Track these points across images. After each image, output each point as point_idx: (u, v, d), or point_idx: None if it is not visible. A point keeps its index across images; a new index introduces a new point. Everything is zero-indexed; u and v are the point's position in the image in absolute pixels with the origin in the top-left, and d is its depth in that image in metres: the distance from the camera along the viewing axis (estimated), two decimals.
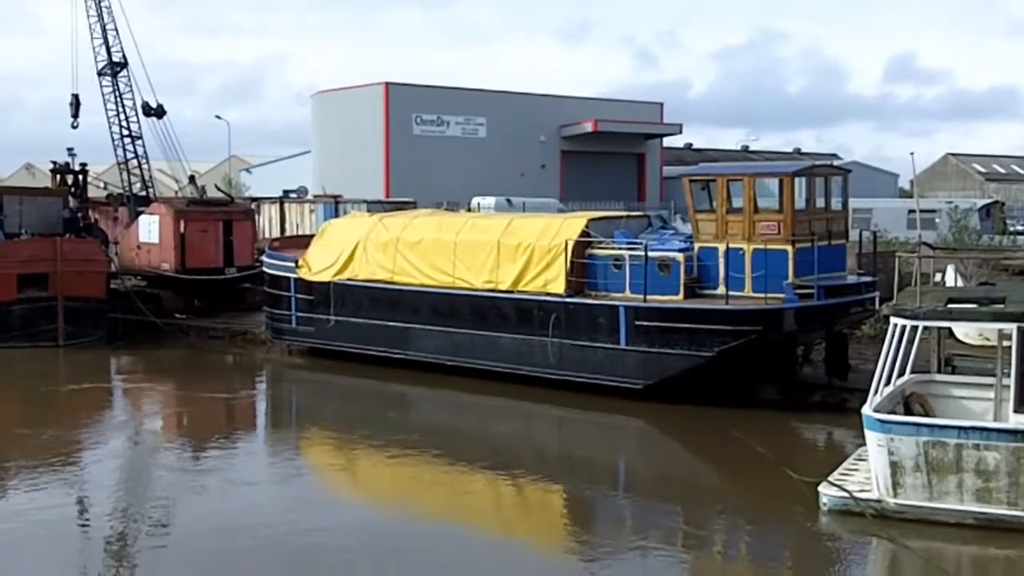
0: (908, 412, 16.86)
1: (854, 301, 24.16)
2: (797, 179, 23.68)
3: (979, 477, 15.16)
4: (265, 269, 32.63)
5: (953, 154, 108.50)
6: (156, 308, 36.51)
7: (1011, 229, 46.54)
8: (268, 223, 48.55)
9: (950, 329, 21.47)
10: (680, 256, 24.08)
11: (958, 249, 32.29)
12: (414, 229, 28.44)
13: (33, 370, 30.39)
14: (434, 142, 69.01)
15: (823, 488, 16.53)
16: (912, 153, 67.86)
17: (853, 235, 26.18)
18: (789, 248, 23.05)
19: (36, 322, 33.62)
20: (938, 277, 27.52)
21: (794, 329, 23.31)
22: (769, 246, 23.11)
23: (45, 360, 31.94)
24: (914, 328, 16.48)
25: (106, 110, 41.44)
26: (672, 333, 23.45)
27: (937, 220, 42.50)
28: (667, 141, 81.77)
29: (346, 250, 29.27)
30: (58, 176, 43.72)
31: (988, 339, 21.89)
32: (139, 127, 41.90)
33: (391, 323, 28.02)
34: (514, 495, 18.80)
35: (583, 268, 25.22)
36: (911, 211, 44.15)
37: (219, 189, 46.43)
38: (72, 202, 40.32)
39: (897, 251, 32.99)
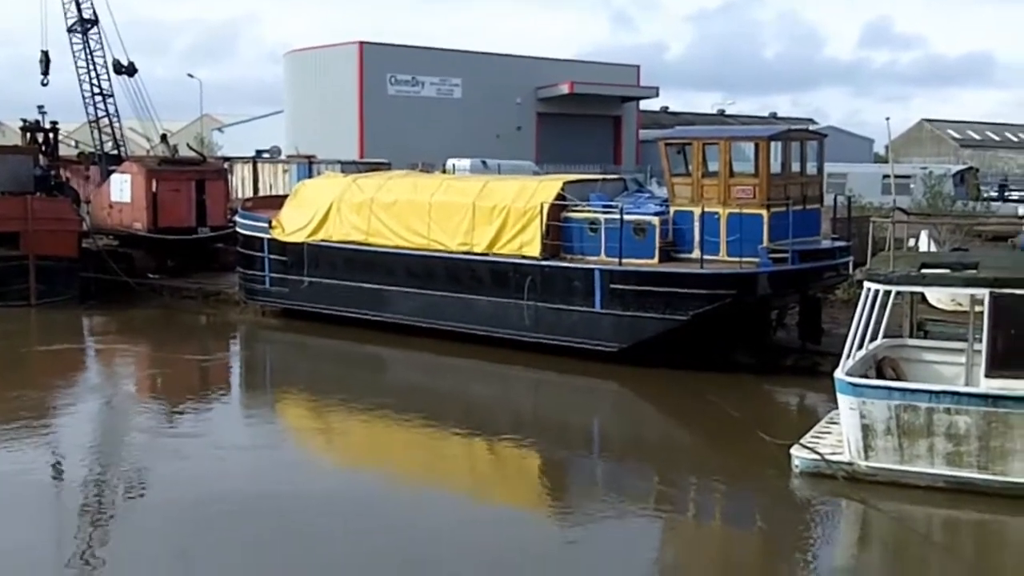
0: (880, 376, 16.94)
1: (828, 266, 24.21)
2: (773, 143, 23.67)
3: (950, 441, 15.27)
4: (238, 229, 32.39)
5: (928, 120, 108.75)
6: (128, 268, 36.28)
7: (984, 195, 46.70)
8: (241, 183, 48.23)
9: (923, 294, 21.55)
10: (656, 220, 24.05)
11: (932, 215, 32.39)
12: (388, 190, 28.29)
13: (4, 329, 30.17)
14: (409, 102, 68.71)
15: (795, 451, 16.62)
16: (888, 119, 67.66)
17: (828, 199, 26.19)
18: (764, 212, 23.06)
19: (7, 281, 33.32)
20: (912, 242, 27.63)
21: (768, 293, 23.37)
22: (744, 210, 23.10)
23: (17, 319, 31.72)
24: (887, 293, 16.55)
25: (76, 67, 40.99)
26: (647, 297, 23.47)
27: (912, 186, 42.64)
28: (643, 104, 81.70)
29: (320, 211, 29.06)
30: (28, 134, 43.30)
31: (960, 304, 22.00)
32: (110, 85, 41.47)
33: (365, 285, 27.88)
34: (490, 458, 18.85)
35: (558, 231, 25.16)
36: (886, 176, 44.24)
37: (191, 148, 46.07)
38: (43, 160, 39.91)
39: (871, 216, 33.16)
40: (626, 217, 24.17)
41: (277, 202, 32.05)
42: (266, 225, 30.37)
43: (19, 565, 13.16)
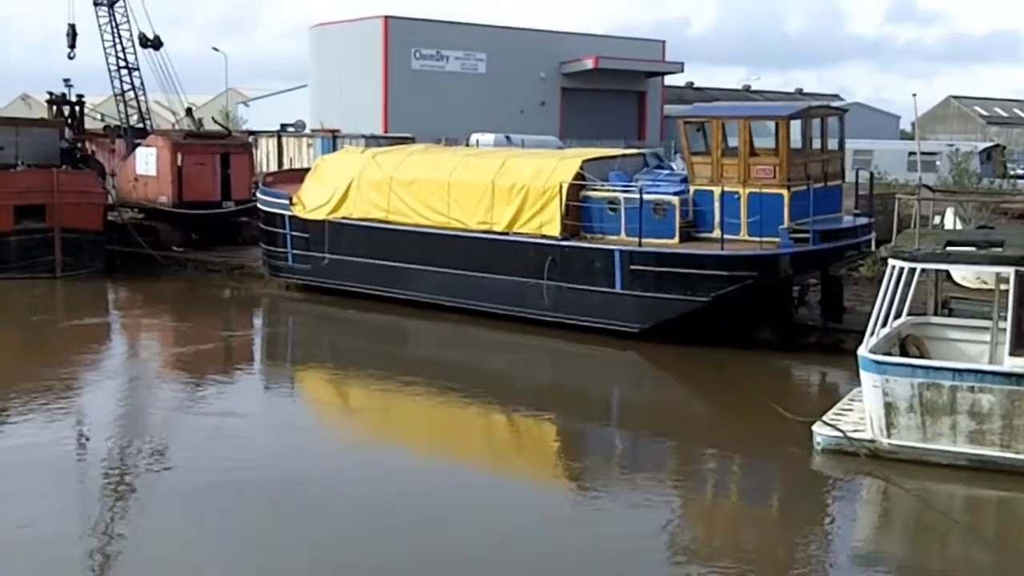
0: (904, 354, 16.90)
1: (850, 245, 24.00)
2: (793, 122, 23.38)
3: (973, 419, 15.23)
4: (259, 205, 32.38)
5: (955, 97, 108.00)
6: (153, 241, 36.47)
7: (1011, 173, 46.39)
8: (266, 157, 48.32)
9: (948, 272, 21.47)
10: (676, 200, 23.90)
11: (958, 192, 32.20)
12: (407, 168, 28.22)
13: (30, 303, 30.38)
14: (433, 77, 68.57)
15: (817, 428, 16.61)
16: (915, 95, 67.22)
17: (853, 176, 26.03)
18: (785, 192, 22.85)
19: (33, 253, 33.56)
20: (937, 220, 27.48)
21: (789, 274, 23.31)
22: (765, 190, 22.90)
23: (43, 292, 31.95)
24: (912, 270, 16.47)
25: (102, 41, 41.03)
26: (667, 278, 23.37)
27: (938, 163, 42.41)
28: (668, 80, 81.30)
29: (340, 188, 29.03)
30: (54, 107, 43.41)
31: (986, 282, 21.88)
32: (136, 58, 41.51)
33: (386, 263, 27.88)
34: (508, 428, 18.99)
35: (578, 211, 25.05)
36: (912, 153, 44.02)
37: (216, 122, 46.14)
38: (69, 133, 40.05)
39: (897, 193, 32.99)
40: (646, 197, 24.01)
41: (298, 176, 32.03)
42: (287, 202, 30.36)
43: (40, 536, 13.30)
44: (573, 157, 26.51)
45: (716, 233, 23.27)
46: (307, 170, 32.15)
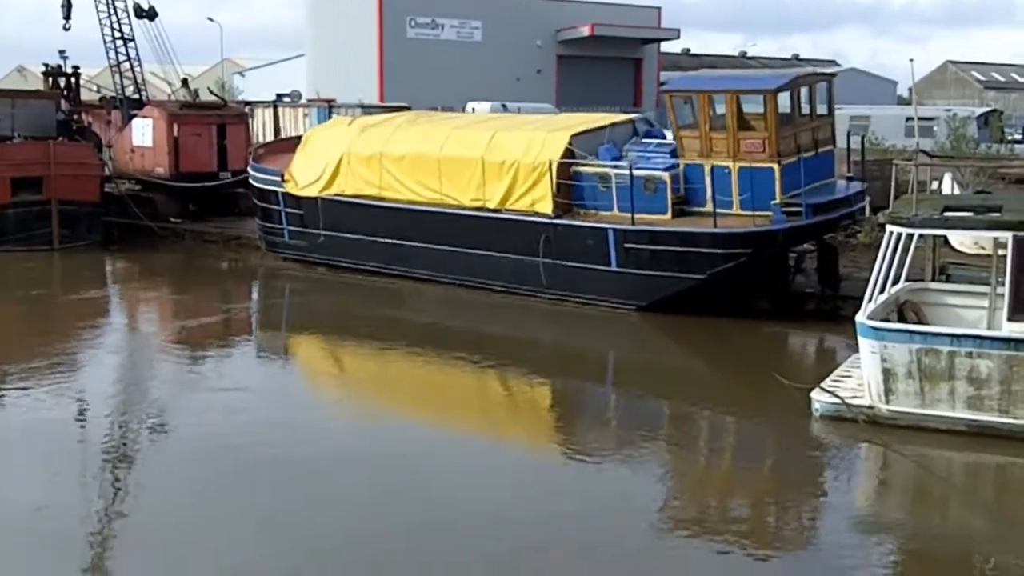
0: (902, 320, 16.95)
1: (844, 214, 23.91)
2: (780, 94, 23.03)
3: (971, 385, 15.28)
4: (251, 181, 32.15)
5: (952, 62, 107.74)
6: (150, 212, 36.44)
7: (1009, 137, 46.31)
8: (262, 127, 48.15)
9: (945, 237, 21.49)
10: (666, 176, 23.71)
11: (955, 157, 32.17)
12: (397, 142, 27.93)
13: (28, 276, 30.33)
14: (429, 45, 68.30)
15: (815, 394, 16.66)
16: (912, 60, 67.16)
17: (847, 141, 25.93)
18: (775, 166, 22.64)
19: (31, 225, 33.52)
20: (935, 185, 27.47)
21: (784, 248, 23.33)
22: (755, 164, 22.72)
23: (40, 264, 31.94)
24: (909, 236, 16.48)
25: (97, 12, 40.83)
26: (662, 256, 23.28)
27: (935, 128, 42.27)
28: (664, 46, 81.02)
29: (331, 163, 28.80)
30: (50, 79, 43.31)
31: (984, 248, 21.89)
32: (131, 29, 41.30)
33: (383, 239, 27.79)
34: (502, 391, 19.20)
35: (569, 187, 24.87)
36: (909, 119, 43.89)
37: (212, 92, 46.13)
38: (65, 105, 39.94)
39: (894, 159, 32.95)
40: (636, 173, 23.83)
41: (289, 146, 31.77)
42: (279, 178, 30.19)
43: (48, 514, 13.38)
44: (562, 130, 26.03)
45: (709, 207, 23.09)
46: (298, 139, 31.97)
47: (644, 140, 26.08)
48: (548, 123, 27.78)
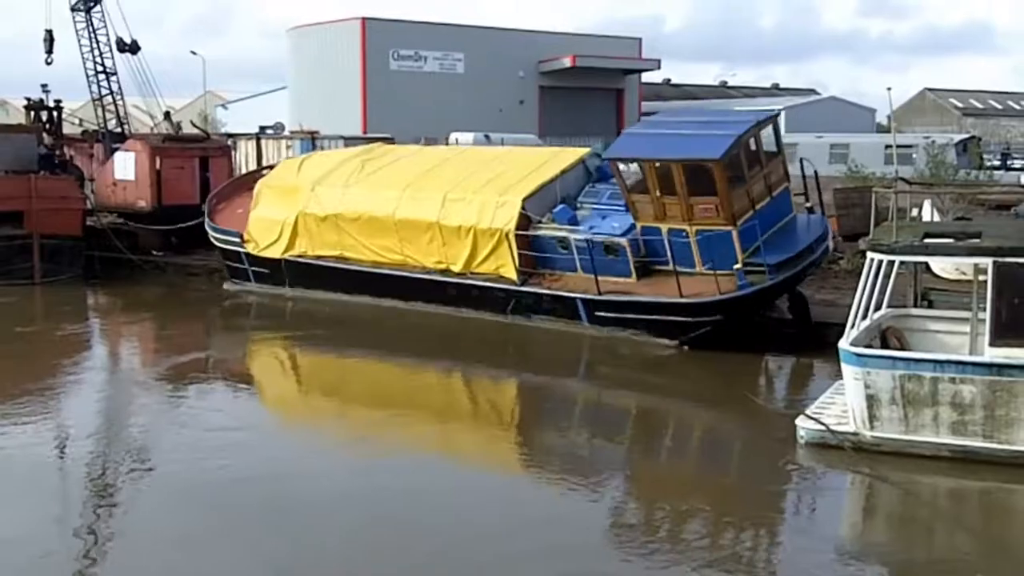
0: (884, 346, 16.99)
1: (808, 265, 23.20)
2: (727, 160, 22.19)
3: (955, 410, 15.31)
4: (215, 243, 31.95)
5: (930, 89, 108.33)
6: (133, 245, 36.34)
7: (987, 164, 46.60)
8: (244, 159, 48.10)
9: (927, 264, 21.58)
10: (626, 241, 23.32)
11: (935, 184, 32.33)
12: (349, 203, 27.67)
13: (7, 312, 30.11)
14: (412, 78, 68.57)
15: (800, 421, 16.65)
16: (889, 89, 67.37)
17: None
18: (732, 229, 22.20)
19: (12, 260, 33.40)
20: (915, 212, 27.59)
21: (753, 311, 22.98)
22: (711, 228, 22.24)
23: (21, 298, 31.74)
24: (891, 263, 16.54)
25: (80, 46, 40.95)
26: (632, 322, 23.15)
27: (914, 155, 42.53)
28: (645, 76, 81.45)
29: (287, 223, 28.66)
30: (32, 112, 43.27)
31: (964, 273, 21.99)
32: (113, 63, 41.44)
33: (348, 297, 27.76)
34: (469, 403, 19.85)
35: (530, 251, 24.65)
36: (888, 146, 44.17)
37: (195, 125, 46.09)
38: (49, 140, 39.91)
39: (874, 186, 33.07)
40: (595, 239, 23.56)
41: (244, 187, 31.52)
42: (239, 240, 30.12)
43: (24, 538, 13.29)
44: (513, 195, 25.30)
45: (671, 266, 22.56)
46: (251, 177, 31.48)
47: (597, 187, 25.63)
48: (500, 182, 26.47)
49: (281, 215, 28.88)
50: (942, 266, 23.13)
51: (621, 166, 23.59)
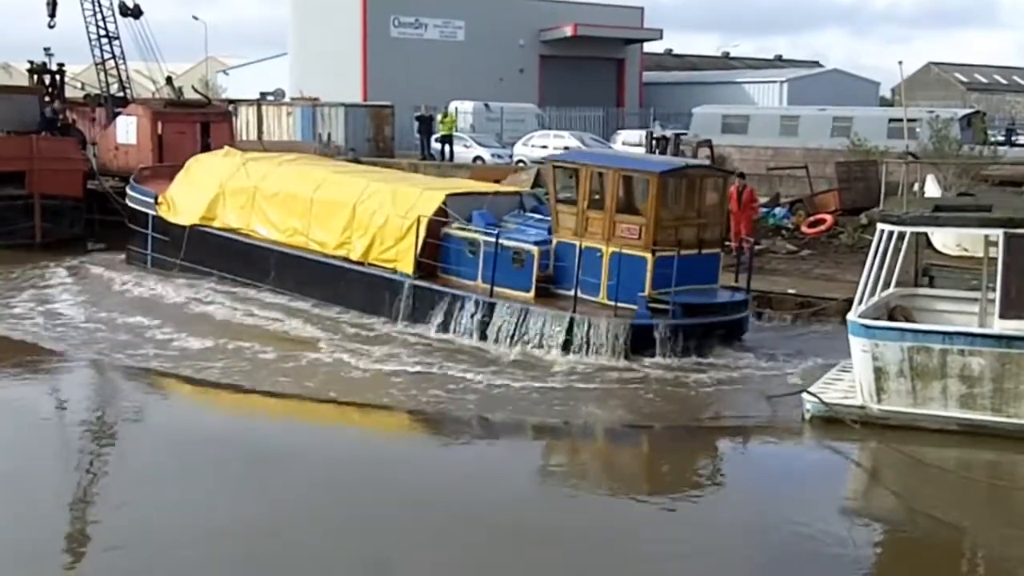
0: None
1: (718, 322, 21.26)
2: (667, 179, 21.13)
3: (963, 383, 15.33)
4: (128, 201, 31.33)
5: (935, 63, 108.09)
6: None
7: (991, 139, 46.52)
8: (245, 125, 48.07)
9: (928, 239, 21.54)
10: (535, 250, 21.98)
11: (943, 159, 32.32)
12: (274, 179, 27.19)
13: (7, 272, 29.95)
14: (412, 45, 68.21)
15: (806, 396, 16.62)
16: (900, 62, 67.16)
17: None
18: (648, 256, 20.60)
19: (13, 220, 33.32)
20: (917, 187, 27.57)
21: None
22: (628, 251, 20.86)
23: (21, 258, 31.55)
24: (901, 235, 16.51)
25: (83, 10, 40.63)
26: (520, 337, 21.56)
27: (918, 130, 42.44)
28: (647, 47, 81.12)
29: (208, 193, 28.13)
30: (35, 76, 43.06)
31: (966, 249, 22.02)
32: (116, 27, 41.13)
33: (238, 277, 26.86)
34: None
35: (436, 248, 23.36)
36: (892, 120, 44.10)
37: (196, 91, 45.96)
38: (58, 104, 39.79)
39: (877, 159, 33.06)
40: (503, 243, 22.22)
41: (176, 171, 30.75)
42: (152, 200, 29.56)
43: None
44: (439, 189, 24.64)
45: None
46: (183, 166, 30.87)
47: (527, 214, 24.27)
48: (429, 181, 26.47)
49: (206, 186, 28.45)
50: (944, 241, 23.14)
51: (557, 176, 22.33)
